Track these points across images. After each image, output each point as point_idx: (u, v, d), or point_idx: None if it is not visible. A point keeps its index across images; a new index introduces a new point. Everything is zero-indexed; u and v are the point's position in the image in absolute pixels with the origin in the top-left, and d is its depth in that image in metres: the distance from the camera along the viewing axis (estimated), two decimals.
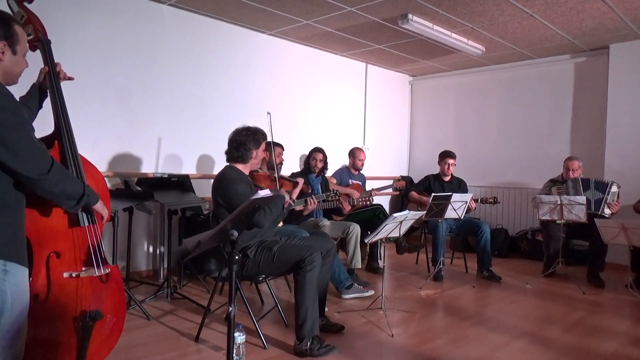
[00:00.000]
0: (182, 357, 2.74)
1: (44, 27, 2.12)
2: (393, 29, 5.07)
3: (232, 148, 3.05)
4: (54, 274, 1.89)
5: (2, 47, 1.66)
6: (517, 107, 6.48)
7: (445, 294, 4.27)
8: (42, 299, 1.86)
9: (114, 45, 4.28)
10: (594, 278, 4.61)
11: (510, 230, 6.25)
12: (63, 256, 1.92)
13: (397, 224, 3.44)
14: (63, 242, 1.93)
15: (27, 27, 2.06)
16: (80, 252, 1.98)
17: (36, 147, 1.64)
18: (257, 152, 3.06)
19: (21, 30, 1.74)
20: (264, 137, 3.11)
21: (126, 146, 4.43)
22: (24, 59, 1.76)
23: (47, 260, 1.88)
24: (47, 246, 1.89)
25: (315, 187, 4.78)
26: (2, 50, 1.66)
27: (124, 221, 3.97)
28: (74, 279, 1.94)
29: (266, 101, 5.56)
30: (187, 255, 3.57)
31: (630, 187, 4.93)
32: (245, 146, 3.01)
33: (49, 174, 1.63)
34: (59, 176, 1.68)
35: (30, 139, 1.63)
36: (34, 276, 1.84)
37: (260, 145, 3.06)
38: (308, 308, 2.75)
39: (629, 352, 2.95)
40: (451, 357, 2.82)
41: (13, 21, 1.72)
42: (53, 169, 1.66)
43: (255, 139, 3.03)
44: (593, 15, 4.59)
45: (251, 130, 3.05)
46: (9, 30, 1.67)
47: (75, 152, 2.01)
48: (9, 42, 1.67)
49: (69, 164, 1.96)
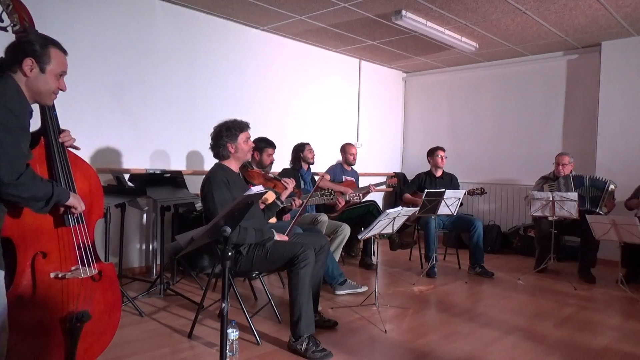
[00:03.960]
0: (175, 353, 2.73)
1: (31, 17, 2.07)
2: (386, 25, 5.07)
3: (211, 147, 3.02)
4: (39, 274, 1.86)
5: (30, 64, 1.78)
6: (509, 103, 6.50)
7: (438, 289, 4.29)
8: (27, 299, 1.82)
9: (104, 40, 4.24)
10: (585, 274, 4.65)
11: (502, 226, 6.29)
12: (49, 256, 1.89)
13: (391, 221, 3.45)
14: (49, 242, 1.90)
15: (13, 16, 2.03)
16: (68, 252, 1.95)
17: (19, 152, 1.67)
18: (237, 145, 2.96)
19: (59, 55, 1.86)
20: (242, 127, 2.99)
21: (118, 142, 4.40)
22: (56, 80, 1.86)
23: (33, 260, 1.85)
24: (32, 246, 1.85)
25: (307, 180, 4.78)
26: (30, 67, 1.78)
27: (116, 217, 3.95)
28: (60, 280, 1.91)
29: (259, 97, 5.55)
30: (180, 252, 3.55)
31: (621, 183, 4.97)
32: (220, 141, 2.96)
33: (18, 179, 1.64)
34: (29, 182, 1.68)
35: (18, 144, 1.67)
36: (18, 276, 1.81)
37: (237, 137, 2.95)
38: (302, 305, 2.74)
39: (619, 346, 2.98)
40: (444, 352, 2.84)
41: (51, 44, 1.85)
42: (24, 174, 1.66)
43: (229, 132, 2.95)
44: (585, 13, 4.61)
45: (225, 124, 2.98)
46: (43, 50, 1.81)
47: (63, 148, 1.98)
48: (38, 60, 1.79)
49: (54, 161, 1.94)
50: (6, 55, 1.82)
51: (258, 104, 5.52)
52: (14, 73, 1.78)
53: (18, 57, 1.78)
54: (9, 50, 1.82)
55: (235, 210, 1.93)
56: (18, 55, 1.78)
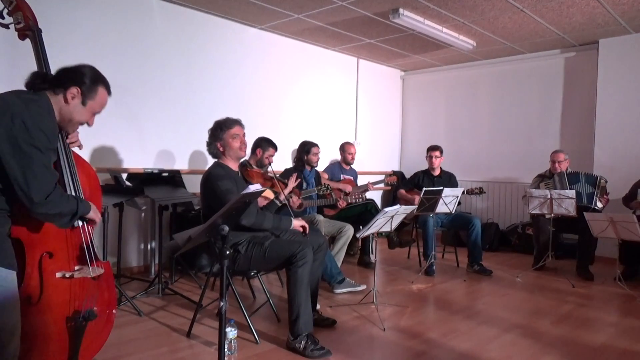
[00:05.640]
0: (174, 352, 2.73)
1: (34, 15, 2.05)
2: (384, 23, 5.06)
3: (207, 146, 3.07)
4: (46, 274, 1.86)
5: (75, 92, 1.82)
6: (507, 101, 6.51)
7: (437, 288, 4.29)
8: (35, 300, 1.82)
9: (103, 40, 4.23)
10: (583, 271, 4.66)
11: (500, 224, 6.30)
12: (56, 255, 1.89)
13: (389, 219, 3.45)
14: (56, 242, 1.90)
15: (17, 14, 2.00)
16: (74, 251, 1.96)
17: (49, 172, 1.71)
18: (224, 142, 2.97)
19: (104, 95, 1.92)
20: (228, 124, 2.99)
21: (116, 141, 4.39)
22: (90, 116, 1.91)
23: (40, 260, 1.85)
24: (39, 246, 1.85)
25: (310, 181, 4.78)
26: (73, 95, 1.82)
27: (114, 217, 3.94)
28: (67, 279, 1.91)
29: (257, 96, 5.54)
30: (178, 251, 3.55)
31: (619, 180, 4.98)
32: (210, 140, 3.03)
33: (47, 198, 1.68)
34: (57, 200, 1.72)
35: (49, 164, 1.72)
36: (26, 278, 1.81)
37: (223, 135, 2.96)
38: (301, 303, 2.74)
39: (617, 343, 2.99)
40: (442, 350, 2.84)
41: (101, 83, 1.91)
42: (53, 193, 1.70)
43: (216, 131, 3.00)
44: (583, 11, 4.61)
45: (214, 123, 3.04)
46: (92, 86, 1.87)
47: (69, 149, 1.97)
48: (84, 92, 1.84)
49: (62, 165, 1.92)
50: (56, 75, 1.85)
51: (256, 103, 5.52)
52: (55, 94, 1.80)
53: (67, 82, 1.81)
54: (61, 73, 1.85)
55: (232, 209, 1.93)
56: (67, 80, 1.81)
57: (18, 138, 1.60)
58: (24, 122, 1.62)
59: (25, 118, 1.62)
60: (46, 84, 1.80)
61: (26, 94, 1.76)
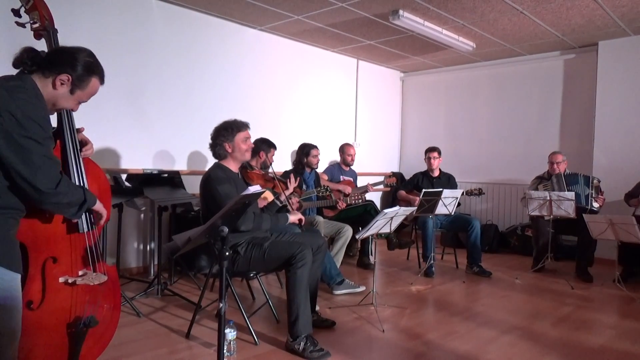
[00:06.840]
0: (173, 353, 2.72)
1: (51, 16, 2.03)
2: (384, 24, 5.07)
3: (210, 146, 3.05)
4: (49, 279, 1.83)
5: (65, 80, 1.71)
6: (506, 103, 6.51)
7: (436, 289, 4.29)
8: (37, 304, 1.80)
9: (102, 41, 4.22)
10: (582, 273, 4.66)
11: (500, 225, 6.30)
12: (59, 260, 1.86)
13: (388, 220, 3.45)
14: (60, 247, 1.87)
15: (33, 13, 1.98)
16: (77, 256, 1.93)
17: (52, 161, 1.64)
18: (234, 144, 2.98)
19: (96, 86, 1.82)
20: (239, 126, 3.01)
21: (115, 142, 4.39)
22: (75, 104, 1.81)
23: (43, 265, 1.82)
24: (44, 251, 1.83)
25: (309, 183, 4.78)
26: (63, 82, 1.71)
27: (113, 218, 3.94)
28: (69, 285, 1.89)
29: (257, 97, 5.54)
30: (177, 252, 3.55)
31: (618, 182, 4.98)
32: (218, 140, 2.99)
33: (57, 188, 1.62)
34: (66, 188, 1.67)
35: (50, 153, 1.64)
36: (29, 281, 1.78)
37: (234, 137, 2.97)
38: (300, 305, 2.74)
39: (616, 345, 2.99)
40: (441, 351, 2.84)
41: (95, 73, 1.80)
42: (62, 182, 1.65)
43: (226, 131, 2.98)
44: (582, 13, 4.62)
45: (223, 123, 3.02)
46: (85, 75, 1.76)
47: (78, 151, 1.94)
48: (74, 80, 1.73)
49: (70, 164, 1.90)
50: (49, 56, 1.76)
51: (255, 104, 5.52)
52: (44, 77, 1.70)
53: (59, 67, 1.71)
54: (54, 54, 1.77)
55: (232, 210, 1.93)
56: (60, 65, 1.71)
57: (10, 132, 1.52)
58: (13, 114, 1.52)
59: (12, 109, 1.52)
60: (35, 66, 1.70)
61: (8, 80, 1.63)
